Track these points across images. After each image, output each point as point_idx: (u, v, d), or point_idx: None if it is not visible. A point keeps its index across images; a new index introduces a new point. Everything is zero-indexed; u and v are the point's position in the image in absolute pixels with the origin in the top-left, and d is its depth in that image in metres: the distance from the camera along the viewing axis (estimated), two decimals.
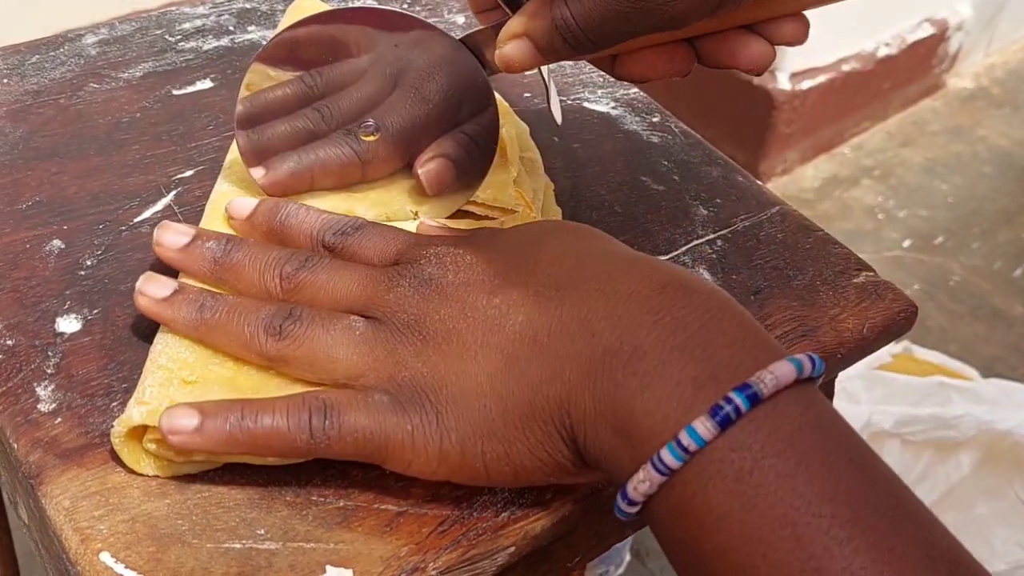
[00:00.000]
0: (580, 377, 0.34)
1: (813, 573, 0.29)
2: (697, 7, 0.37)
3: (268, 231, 0.43)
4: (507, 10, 0.42)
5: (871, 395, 1.14)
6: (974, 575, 0.30)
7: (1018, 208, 1.59)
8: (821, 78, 1.52)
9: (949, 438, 1.08)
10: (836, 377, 0.53)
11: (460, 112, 0.46)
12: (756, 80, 1.49)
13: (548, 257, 0.38)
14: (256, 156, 0.46)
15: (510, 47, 0.41)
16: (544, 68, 0.46)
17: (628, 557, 1.08)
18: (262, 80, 0.45)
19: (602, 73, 0.61)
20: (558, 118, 0.48)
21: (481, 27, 0.44)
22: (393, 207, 0.47)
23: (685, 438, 0.31)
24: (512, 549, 0.37)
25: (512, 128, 0.52)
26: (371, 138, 0.46)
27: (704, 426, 0.31)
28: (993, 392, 1.12)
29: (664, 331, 0.34)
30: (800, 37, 0.41)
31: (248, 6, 0.62)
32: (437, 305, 0.37)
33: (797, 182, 1.59)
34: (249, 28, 0.60)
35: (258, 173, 0.46)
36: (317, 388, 0.38)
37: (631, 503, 0.33)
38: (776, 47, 0.42)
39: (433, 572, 0.36)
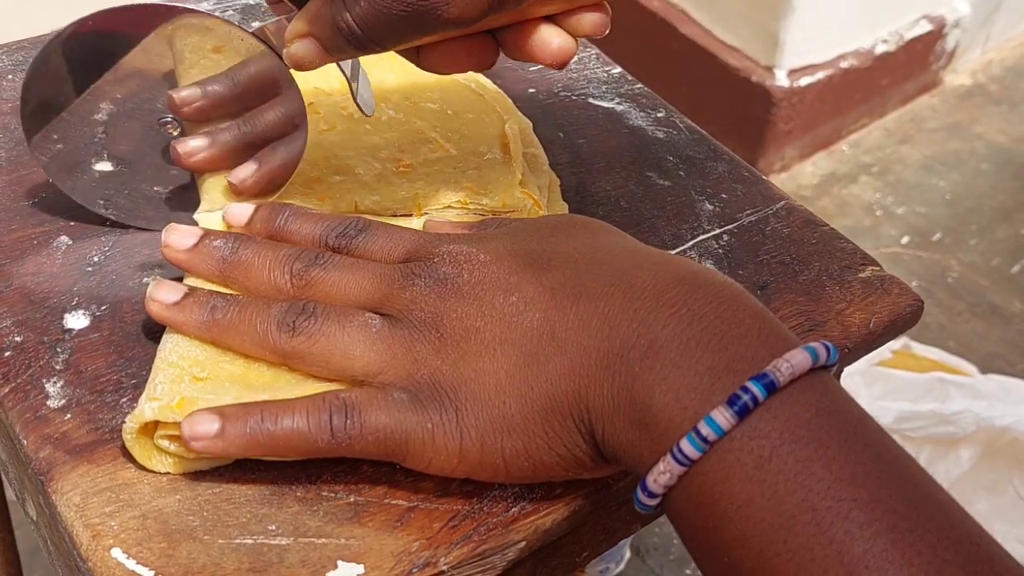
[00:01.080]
0: (598, 371, 0.34)
1: (835, 557, 0.29)
2: (472, 9, 0.37)
3: (268, 237, 0.43)
4: (291, 5, 0.41)
5: (871, 391, 1.14)
6: (994, 556, 0.30)
7: (1016, 205, 1.60)
8: (819, 75, 1.52)
9: (948, 434, 1.09)
10: (842, 372, 0.53)
11: (266, 105, 0.46)
12: (754, 77, 1.49)
13: (562, 254, 0.38)
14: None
15: (297, 47, 0.41)
16: (345, 62, 0.45)
17: (628, 554, 1.08)
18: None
19: (607, 68, 0.61)
20: (367, 111, 0.47)
21: (274, 19, 0.43)
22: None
23: (704, 428, 0.31)
24: (522, 544, 0.37)
25: (515, 124, 0.52)
26: (175, 132, 0.46)
27: (723, 416, 0.31)
28: (992, 388, 1.13)
29: (680, 324, 0.34)
30: (601, 29, 0.41)
31: (252, 1, 0.62)
32: (454, 304, 0.37)
33: (795, 179, 1.59)
34: (253, 24, 0.60)
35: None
36: (331, 384, 0.38)
37: (651, 495, 0.33)
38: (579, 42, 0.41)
39: (444, 567, 0.36)
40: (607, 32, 0.41)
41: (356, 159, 0.49)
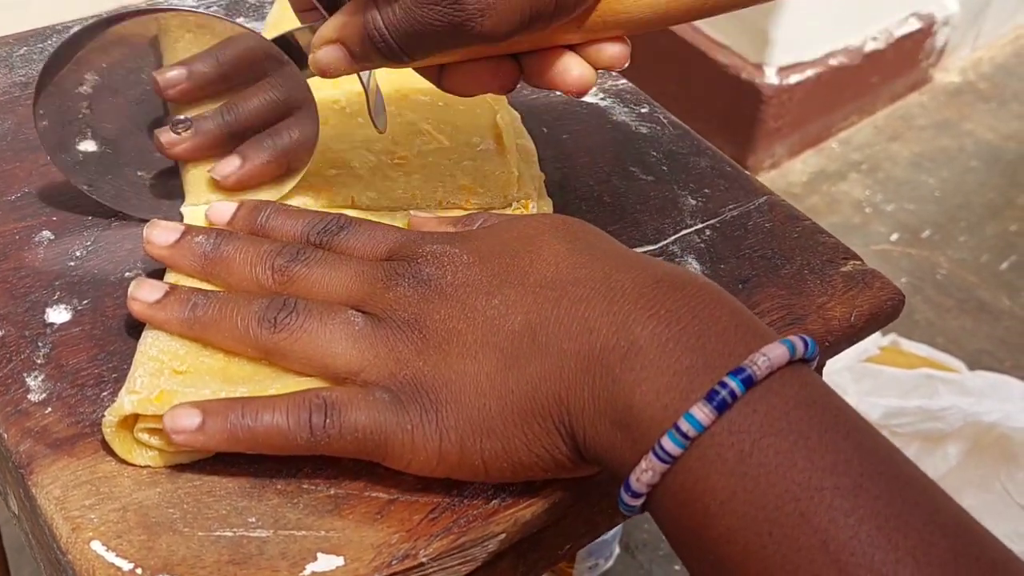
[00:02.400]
0: (579, 374, 0.35)
1: (820, 546, 0.29)
2: (506, 25, 0.38)
3: (250, 234, 0.43)
4: (323, 12, 0.42)
5: (859, 387, 1.14)
6: (982, 538, 0.30)
7: (1004, 202, 1.60)
8: (809, 72, 1.53)
9: (936, 430, 1.09)
10: (824, 366, 0.53)
11: (278, 111, 0.46)
12: (744, 74, 1.49)
13: (544, 257, 0.38)
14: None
15: (323, 52, 0.41)
16: (364, 73, 0.46)
17: (617, 550, 1.08)
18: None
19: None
20: (380, 126, 0.48)
21: (298, 27, 0.44)
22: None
23: (684, 424, 0.31)
24: (503, 536, 0.37)
25: (507, 115, 0.53)
26: (187, 133, 0.46)
27: (702, 411, 0.31)
28: (979, 384, 1.13)
29: (659, 325, 0.34)
30: (620, 61, 0.42)
31: None
32: (437, 305, 0.38)
33: (785, 176, 1.60)
34: (237, 20, 0.60)
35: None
36: (312, 379, 0.38)
37: (634, 495, 0.33)
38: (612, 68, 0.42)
39: (424, 559, 0.36)
40: (626, 65, 0.43)
41: (351, 152, 0.49)
